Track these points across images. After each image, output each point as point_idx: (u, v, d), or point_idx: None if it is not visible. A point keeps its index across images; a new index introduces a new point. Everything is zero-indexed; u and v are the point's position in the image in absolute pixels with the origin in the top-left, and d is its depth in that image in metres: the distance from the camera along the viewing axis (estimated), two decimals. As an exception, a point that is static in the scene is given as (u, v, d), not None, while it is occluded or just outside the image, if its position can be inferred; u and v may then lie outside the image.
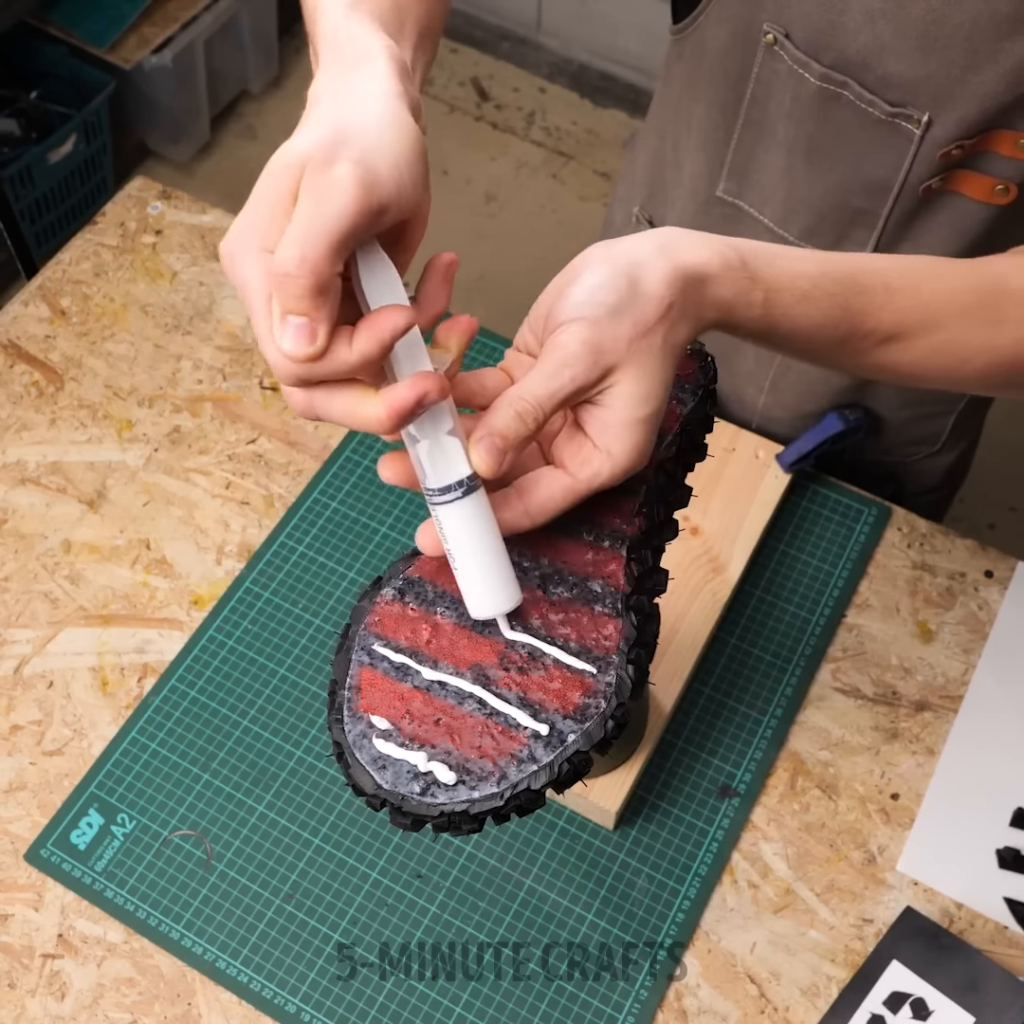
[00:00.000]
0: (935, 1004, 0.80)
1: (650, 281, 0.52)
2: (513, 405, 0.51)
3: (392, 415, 0.47)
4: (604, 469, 0.52)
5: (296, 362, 0.46)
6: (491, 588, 0.53)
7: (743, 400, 1.05)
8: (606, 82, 2.54)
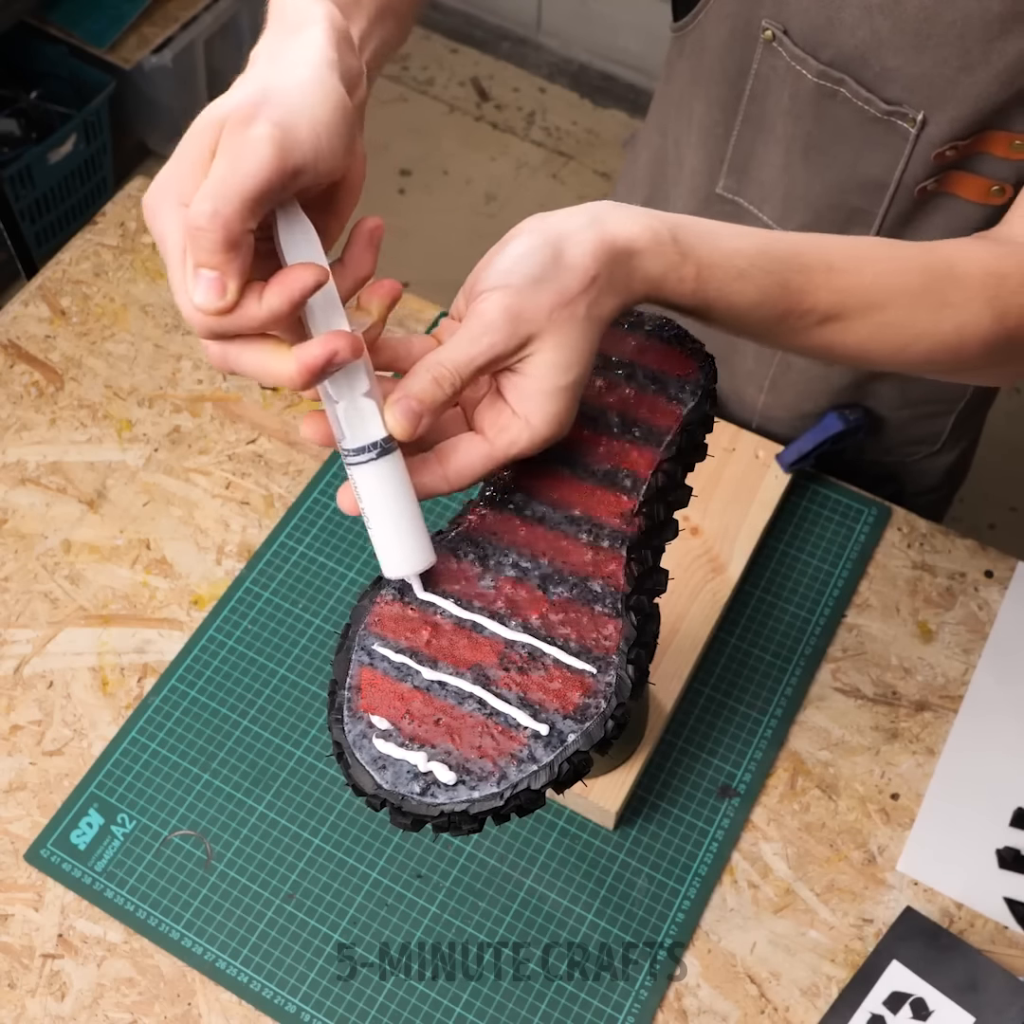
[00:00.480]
0: (935, 1004, 0.80)
1: (575, 253, 0.52)
2: (431, 370, 0.51)
3: (303, 371, 0.48)
4: (522, 437, 0.53)
5: (206, 315, 0.47)
6: (404, 549, 0.53)
7: (743, 400, 1.05)
8: (606, 82, 2.54)
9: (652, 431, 0.59)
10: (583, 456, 0.59)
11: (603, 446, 0.59)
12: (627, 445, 0.59)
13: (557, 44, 2.57)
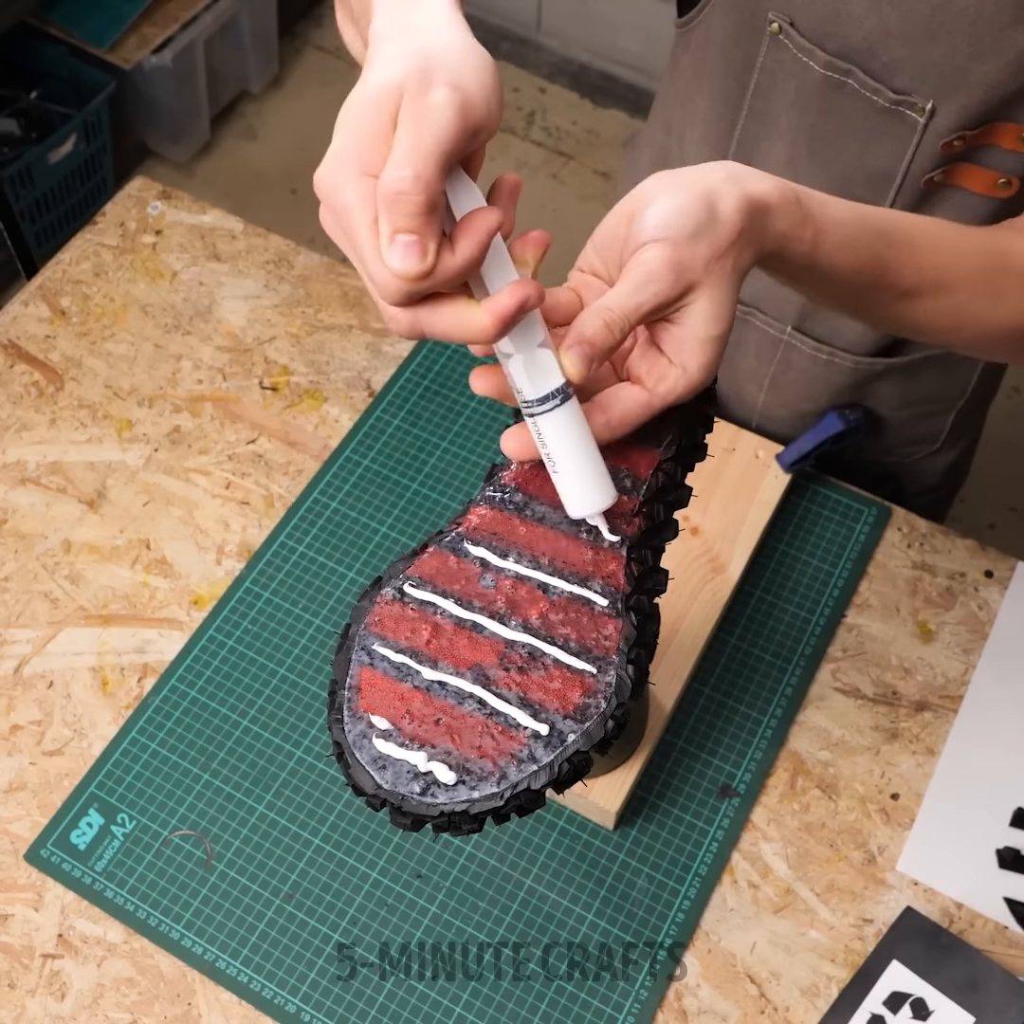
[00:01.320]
0: (935, 1004, 0.80)
1: (725, 207, 0.54)
2: (601, 315, 0.53)
3: (497, 322, 0.49)
4: (680, 384, 0.55)
5: (407, 280, 0.47)
6: (591, 487, 0.55)
7: (743, 398, 1.06)
8: (606, 82, 2.54)
9: (652, 431, 0.59)
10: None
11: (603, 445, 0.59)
12: (627, 445, 0.59)
13: (557, 44, 2.57)
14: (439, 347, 1.09)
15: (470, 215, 0.49)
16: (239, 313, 1.12)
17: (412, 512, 1.00)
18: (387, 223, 0.47)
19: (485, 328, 0.49)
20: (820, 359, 0.97)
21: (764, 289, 0.97)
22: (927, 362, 0.97)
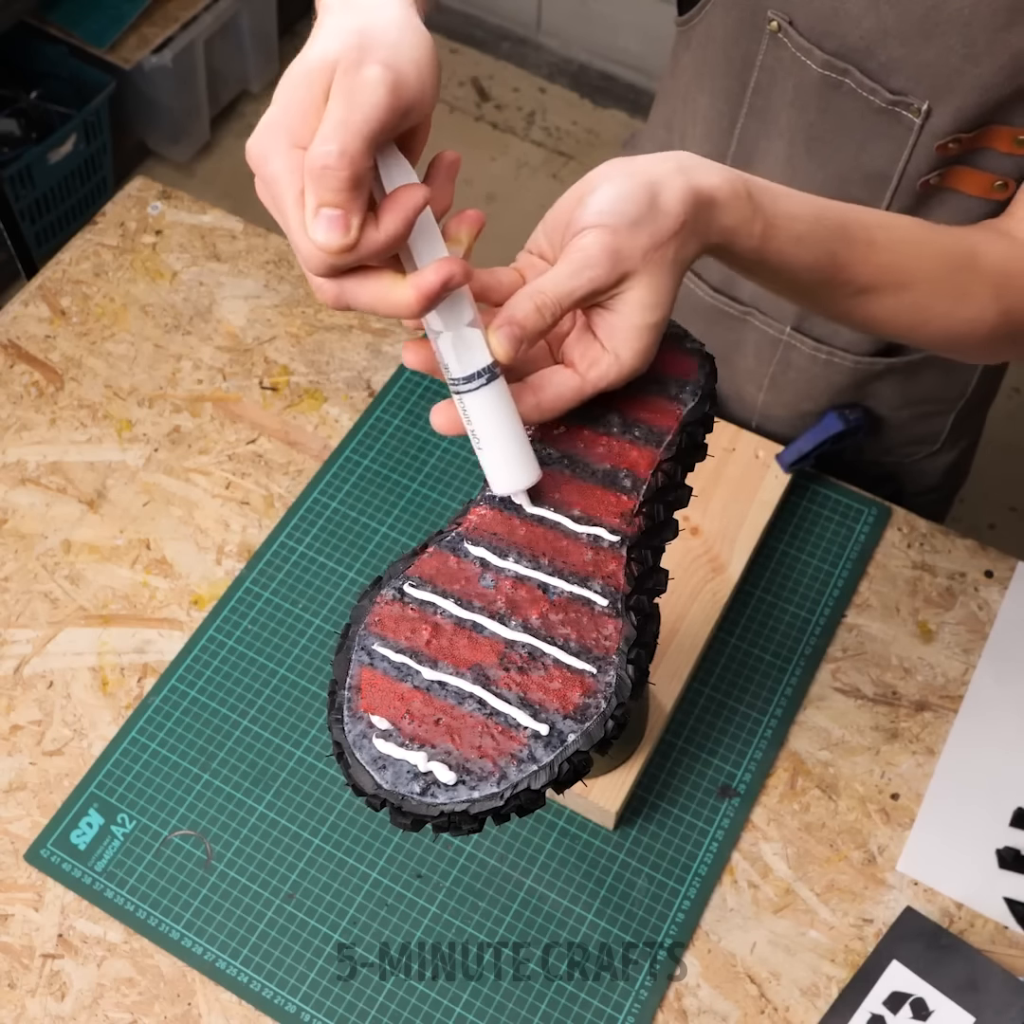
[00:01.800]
0: (935, 1004, 0.80)
1: (668, 198, 0.55)
2: (533, 298, 0.53)
3: (420, 298, 0.49)
4: (611, 371, 0.56)
5: (330, 253, 0.48)
6: (514, 466, 0.55)
7: (743, 398, 1.06)
8: (606, 82, 2.54)
9: (652, 431, 0.59)
10: (583, 456, 0.59)
11: (603, 446, 0.59)
12: (627, 445, 0.59)
13: (557, 44, 2.57)
14: (439, 347, 1.09)
15: (396, 191, 0.49)
16: (239, 313, 1.12)
17: (412, 512, 1.00)
18: (312, 196, 0.47)
19: (408, 303, 0.49)
20: (819, 359, 0.97)
21: (761, 291, 0.97)
22: (927, 362, 0.97)
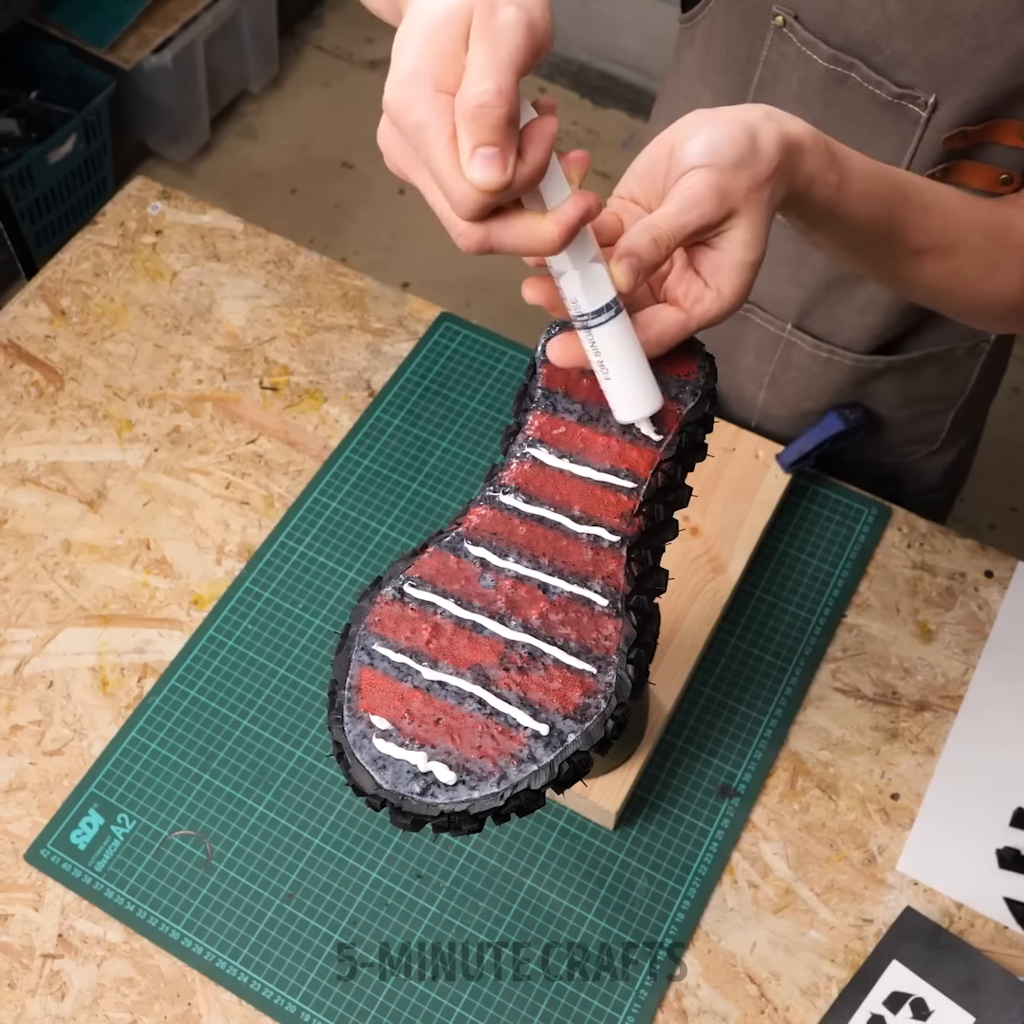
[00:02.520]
0: (935, 1004, 0.80)
1: (766, 142, 0.57)
2: (649, 231, 0.55)
3: (563, 231, 0.51)
4: (714, 306, 0.57)
5: (488, 192, 0.49)
6: (641, 393, 0.57)
7: (743, 397, 1.06)
8: (606, 82, 2.54)
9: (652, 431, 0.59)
10: (583, 456, 0.59)
11: (603, 446, 0.59)
12: (627, 445, 0.59)
13: (557, 44, 2.57)
14: (439, 347, 1.09)
15: (532, 124, 0.50)
16: (239, 313, 1.12)
17: (412, 512, 1.00)
18: (469, 137, 0.48)
19: (552, 238, 0.51)
20: (820, 357, 0.97)
21: (765, 286, 0.97)
22: (927, 360, 0.97)
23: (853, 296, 0.93)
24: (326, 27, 2.66)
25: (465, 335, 1.10)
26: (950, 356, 0.97)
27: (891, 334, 0.95)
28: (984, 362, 0.99)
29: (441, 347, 1.09)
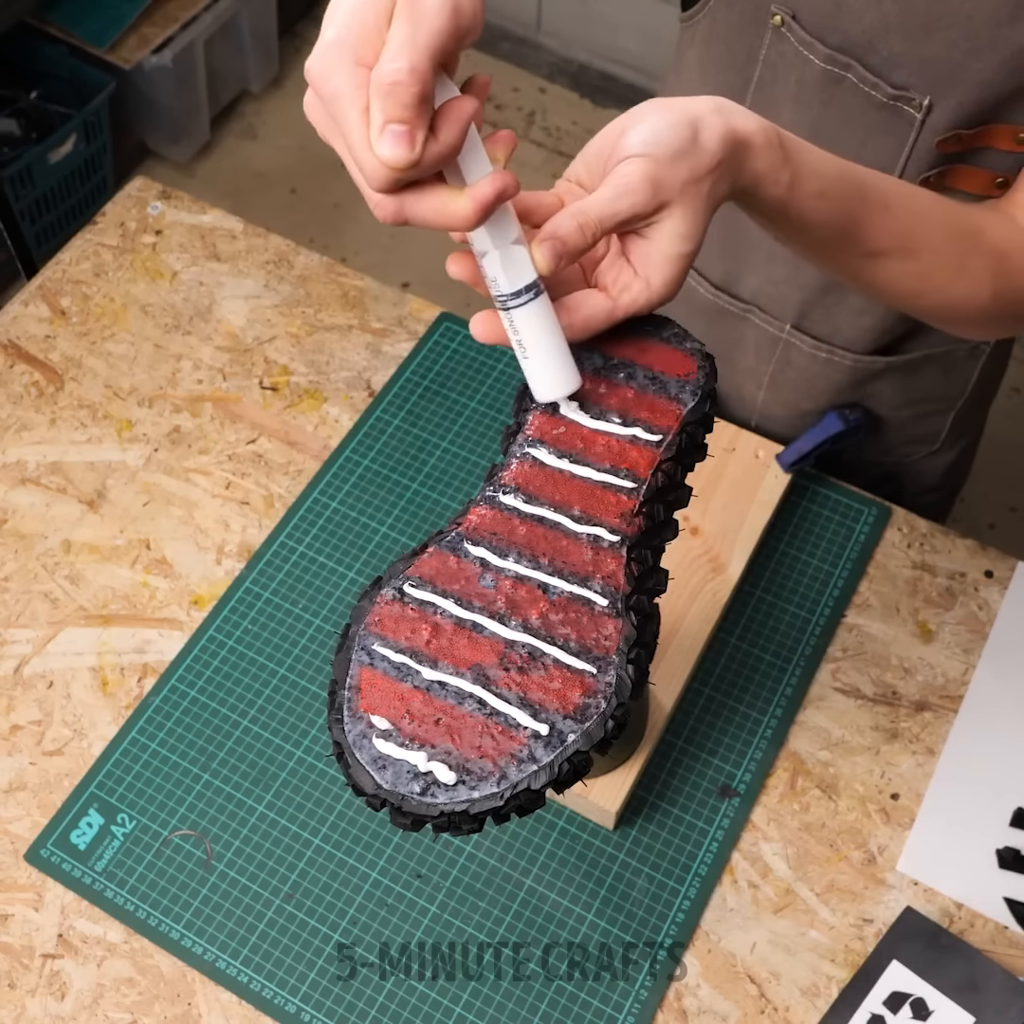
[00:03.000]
0: (935, 1004, 0.80)
1: (708, 136, 0.57)
2: (576, 217, 0.55)
3: (478, 208, 0.51)
4: (642, 296, 0.58)
5: (395, 168, 0.49)
6: (558, 373, 0.58)
7: (742, 397, 1.06)
8: (606, 82, 2.54)
9: (652, 431, 0.59)
10: (583, 456, 0.59)
11: (603, 446, 0.59)
12: (627, 445, 0.59)
13: (557, 44, 2.57)
14: (439, 347, 1.09)
15: (449, 103, 0.50)
16: (239, 313, 1.12)
17: (412, 512, 1.00)
18: (380, 112, 0.48)
19: (467, 214, 0.51)
20: (819, 357, 0.97)
21: (763, 286, 0.97)
22: (926, 360, 0.97)
23: (851, 297, 0.93)
24: (326, 27, 2.66)
25: (465, 335, 1.10)
26: (950, 357, 0.97)
27: (890, 336, 0.95)
28: (984, 363, 0.99)
29: (441, 347, 1.09)
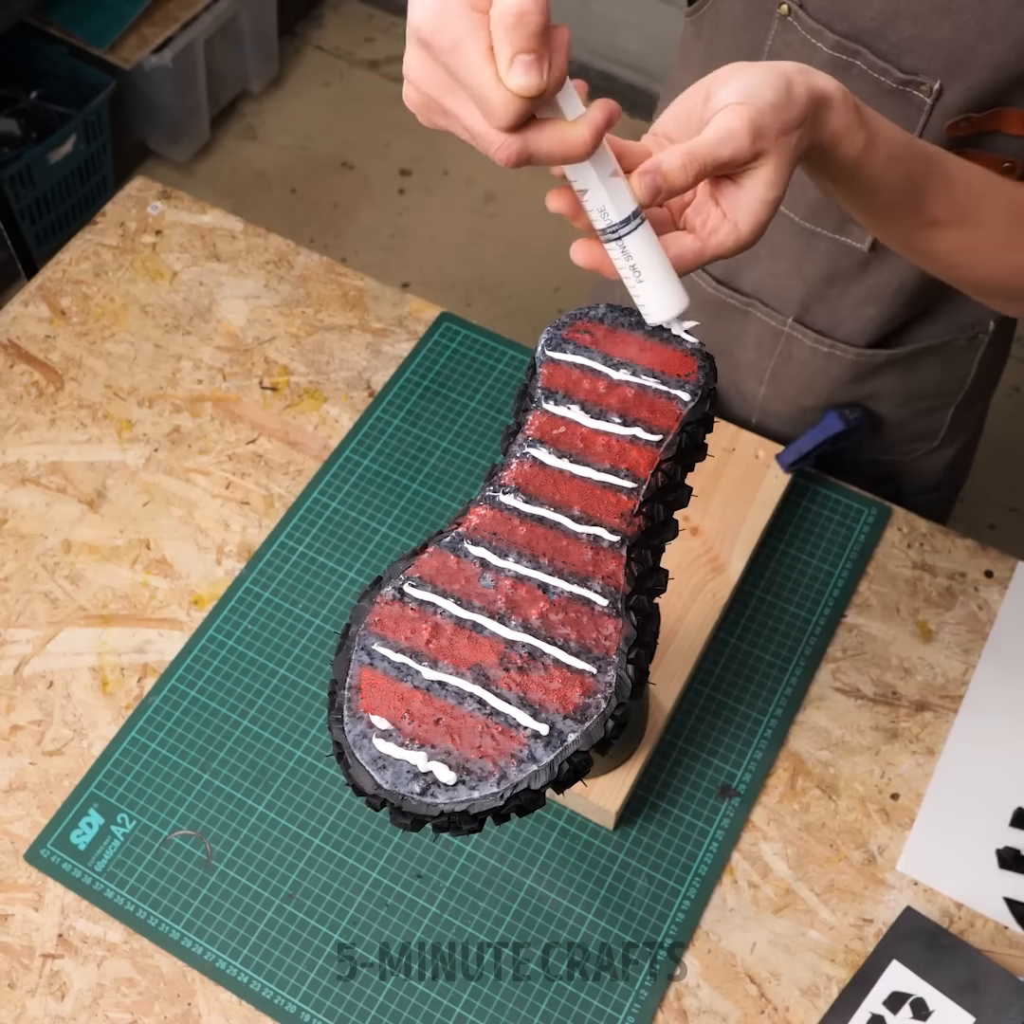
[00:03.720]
0: (935, 1004, 0.80)
1: (798, 92, 0.59)
2: (681, 156, 0.57)
3: (594, 132, 0.53)
4: (730, 239, 0.60)
5: (529, 97, 0.51)
6: (671, 293, 0.60)
7: (743, 392, 1.06)
8: (606, 82, 2.54)
9: (652, 431, 0.59)
10: (583, 456, 0.59)
11: (603, 446, 0.59)
12: (627, 445, 0.59)
13: (557, 44, 2.56)
14: (439, 347, 1.09)
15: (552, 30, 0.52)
16: (239, 313, 1.12)
17: (412, 512, 1.00)
18: (508, 46, 0.50)
19: (584, 140, 0.53)
20: (821, 351, 0.97)
21: (766, 279, 0.97)
22: (927, 353, 0.97)
23: (854, 288, 0.93)
24: (326, 27, 2.66)
25: (465, 335, 1.10)
26: (950, 348, 0.97)
27: (892, 325, 0.95)
28: (983, 355, 0.99)
29: (441, 347, 1.09)
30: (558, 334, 0.62)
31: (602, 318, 0.62)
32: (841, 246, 0.91)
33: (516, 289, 2.28)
